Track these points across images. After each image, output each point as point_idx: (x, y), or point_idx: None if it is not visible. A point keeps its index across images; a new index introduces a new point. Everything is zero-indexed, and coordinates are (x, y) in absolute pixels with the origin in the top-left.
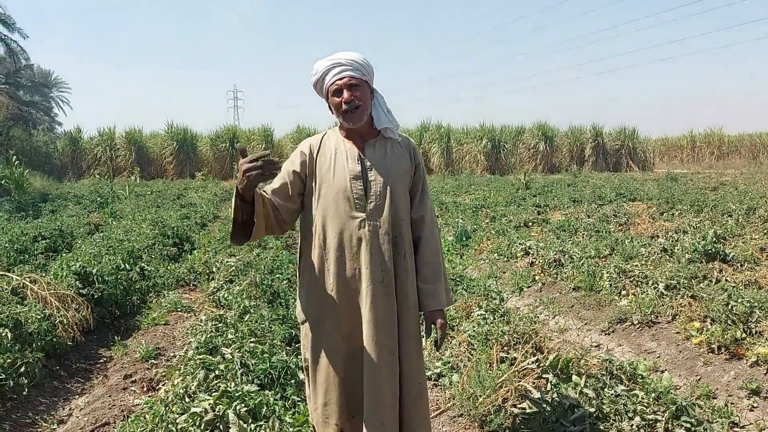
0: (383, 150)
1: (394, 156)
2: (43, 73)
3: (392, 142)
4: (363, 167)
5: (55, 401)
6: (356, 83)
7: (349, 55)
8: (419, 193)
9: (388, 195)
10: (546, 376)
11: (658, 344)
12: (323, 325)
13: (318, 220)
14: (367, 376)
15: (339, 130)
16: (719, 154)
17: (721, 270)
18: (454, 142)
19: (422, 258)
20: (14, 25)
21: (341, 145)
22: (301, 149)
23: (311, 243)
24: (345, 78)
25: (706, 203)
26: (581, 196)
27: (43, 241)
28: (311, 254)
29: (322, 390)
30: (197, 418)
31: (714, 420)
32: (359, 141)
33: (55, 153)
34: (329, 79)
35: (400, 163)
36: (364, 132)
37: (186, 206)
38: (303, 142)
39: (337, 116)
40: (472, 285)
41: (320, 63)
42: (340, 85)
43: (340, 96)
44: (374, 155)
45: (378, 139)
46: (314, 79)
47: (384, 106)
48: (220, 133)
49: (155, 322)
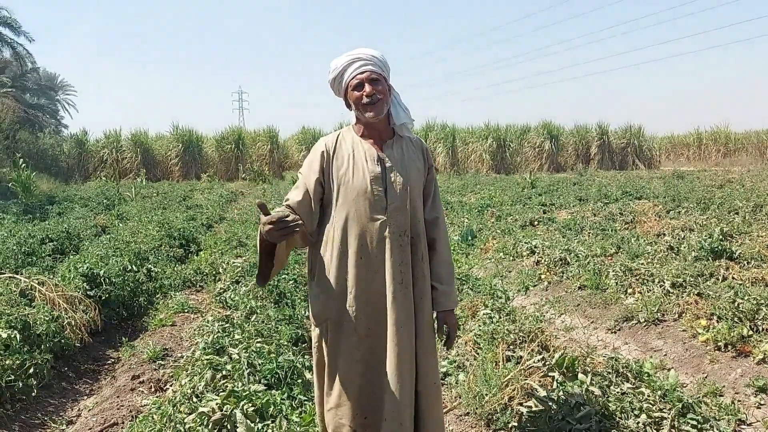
0: (400, 151)
1: (410, 157)
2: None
3: (407, 142)
4: (383, 168)
5: (64, 402)
6: (377, 78)
7: (368, 51)
8: (432, 195)
9: (408, 196)
10: (552, 375)
11: (665, 342)
12: (341, 327)
13: (337, 222)
14: (390, 377)
15: (354, 129)
16: (726, 152)
17: (728, 268)
18: (459, 141)
19: (438, 258)
20: (20, 29)
21: (359, 146)
22: (319, 151)
23: (328, 245)
24: (366, 72)
25: (713, 201)
26: (587, 194)
27: (50, 244)
28: (328, 256)
29: (337, 392)
30: (205, 418)
31: (721, 418)
32: (377, 141)
33: (62, 155)
34: (350, 74)
35: (415, 164)
36: (381, 131)
37: (192, 208)
38: (319, 142)
39: (357, 110)
40: (477, 284)
41: (338, 60)
42: (361, 78)
43: (361, 90)
44: (393, 156)
45: (395, 140)
46: (332, 76)
47: (401, 103)
48: (226, 135)
49: (162, 323)
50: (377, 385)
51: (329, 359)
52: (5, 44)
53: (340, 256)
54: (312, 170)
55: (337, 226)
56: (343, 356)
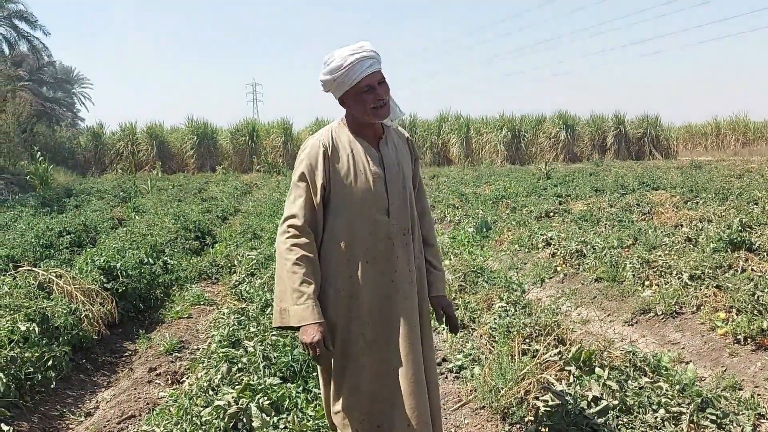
0: (394, 148)
1: (401, 153)
2: (65, 69)
3: (395, 136)
4: (383, 168)
5: (82, 394)
6: (383, 78)
7: (370, 46)
8: (418, 187)
9: (406, 195)
10: (569, 369)
11: (683, 335)
12: (349, 331)
13: (341, 224)
14: (409, 381)
15: (345, 127)
16: (745, 141)
17: (747, 259)
18: (473, 132)
19: (431, 250)
20: (36, 23)
21: (356, 146)
22: (320, 152)
23: (332, 250)
24: (377, 74)
25: (731, 191)
26: (603, 185)
27: (67, 236)
28: (333, 261)
29: (344, 397)
30: (221, 411)
31: (740, 412)
32: (373, 140)
33: (78, 148)
34: (359, 72)
35: (406, 160)
36: (377, 129)
37: (207, 200)
38: (313, 142)
39: (363, 112)
40: (492, 277)
41: (344, 55)
42: (372, 81)
43: (373, 92)
44: (389, 154)
45: (387, 136)
46: (339, 73)
47: (393, 98)
48: (240, 127)
49: (179, 316)
50: (390, 391)
51: (336, 366)
52: (22, 38)
53: (346, 261)
54: (316, 175)
55: (341, 229)
56: (351, 362)
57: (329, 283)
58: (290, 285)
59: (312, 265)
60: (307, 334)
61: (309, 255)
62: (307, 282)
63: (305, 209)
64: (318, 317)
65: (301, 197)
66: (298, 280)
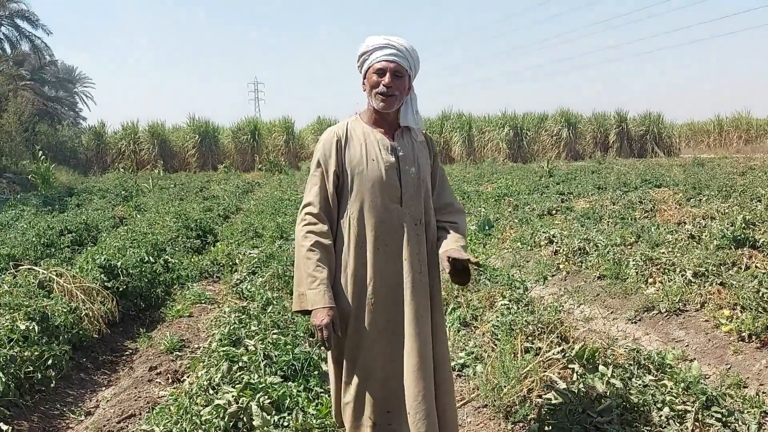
0: (410, 141)
1: (418, 146)
2: (67, 69)
3: (414, 133)
4: (396, 157)
5: (83, 393)
6: (401, 73)
7: (403, 42)
8: (441, 182)
9: (420, 185)
10: (572, 367)
11: (687, 333)
12: (359, 319)
13: (353, 212)
14: (412, 369)
15: (363, 118)
16: (747, 138)
17: (751, 256)
18: (475, 130)
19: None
20: (38, 22)
21: (370, 135)
22: (333, 141)
23: (344, 238)
24: (394, 63)
25: (735, 188)
26: (606, 183)
27: (69, 235)
28: (345, 249)
29: (357, 386)
30: (221, 410)
31: (745, 410)
32: (388, 131)
33: (80, 147)
34: (377, 56)
35: (423, 153)
36: (392, 122)
37: (209, 199)
38: (328, 133)
39: (369, 94)
40: (495, 274)
41: (373, 38)
42: (385, 66)
43: (382, 77)
44: (404, 145)
45: (403, 130)
46: (362, 50)
47: (414, 106)
48: (242, 126)
49: (179, 314)
50: (399, 377)
51: (348, 353)
52: (24, 37)
53: (358, 249)
54: (329, 163)
55: (353, 217)
56: (364, 349)
57: (342, 270)
58: (305, 270)
59: (326, 251)
60: (317, 317)
61: (323, 241)
62: (321, 267)
63: (320, 197)
64: (329, 302)
65: (316, 185)
66: (312, 266)
